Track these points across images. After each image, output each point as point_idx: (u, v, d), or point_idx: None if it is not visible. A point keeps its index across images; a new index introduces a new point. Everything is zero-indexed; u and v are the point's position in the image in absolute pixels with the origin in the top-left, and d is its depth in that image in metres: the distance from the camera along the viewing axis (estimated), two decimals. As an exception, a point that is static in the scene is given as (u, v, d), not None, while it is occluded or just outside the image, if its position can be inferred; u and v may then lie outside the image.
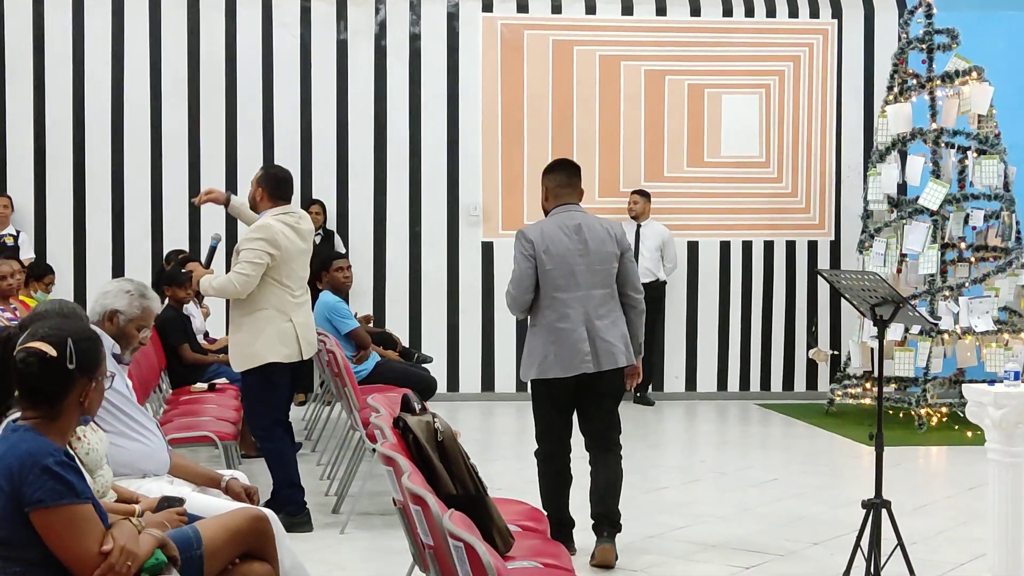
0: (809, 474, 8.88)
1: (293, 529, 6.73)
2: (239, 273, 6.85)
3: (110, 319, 5.22)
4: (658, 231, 12.12)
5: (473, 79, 12.34)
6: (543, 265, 6.27)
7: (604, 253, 6.34)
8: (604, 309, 6.32)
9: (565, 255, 6.29)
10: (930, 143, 11.13)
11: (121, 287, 5.31)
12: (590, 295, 6.30)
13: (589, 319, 6.28)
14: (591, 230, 6.36)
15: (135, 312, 5.26)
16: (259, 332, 6.91)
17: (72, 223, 12.04)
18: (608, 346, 6.27)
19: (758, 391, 12.63)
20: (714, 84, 12.54)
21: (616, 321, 6.35)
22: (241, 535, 3.95)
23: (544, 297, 6.30)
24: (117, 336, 5.23)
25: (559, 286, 6.28)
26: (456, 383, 12.26)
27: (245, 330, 6.95)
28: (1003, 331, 10.87)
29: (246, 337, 6.93)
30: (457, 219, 12.31)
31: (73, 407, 3.58)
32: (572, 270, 6.28)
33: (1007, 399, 5.15)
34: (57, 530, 3.33)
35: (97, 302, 5.30)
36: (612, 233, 6.39)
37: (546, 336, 6.29)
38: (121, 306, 5.24)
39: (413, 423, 4.73)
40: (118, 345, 5.23)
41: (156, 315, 5.47)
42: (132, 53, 12.05)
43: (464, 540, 3.10)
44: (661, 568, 6.32)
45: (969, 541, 6.75)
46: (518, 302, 6.35)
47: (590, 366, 6.25)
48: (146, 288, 5.37)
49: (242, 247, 6.90)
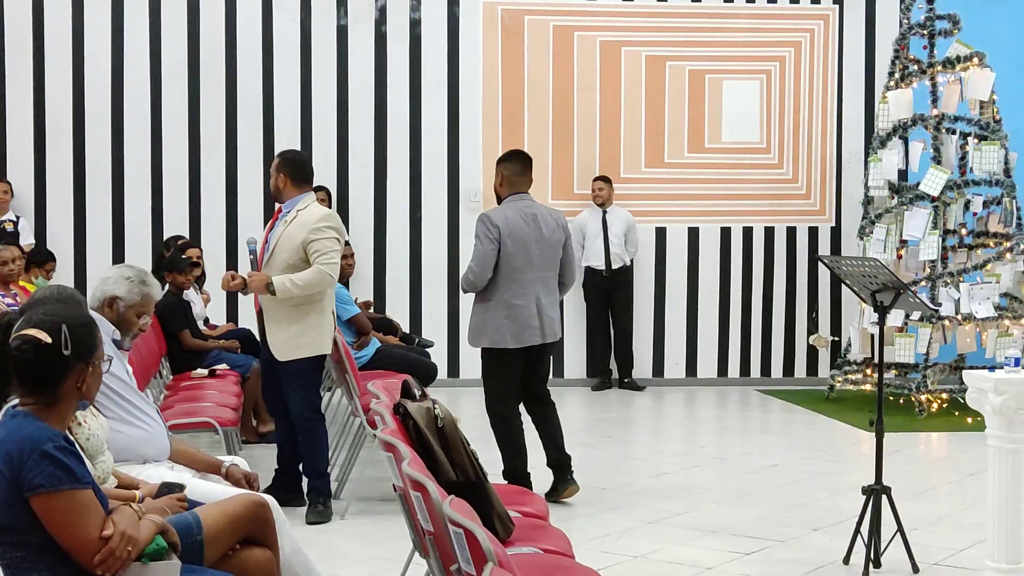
0: (809, 460, 8.89)
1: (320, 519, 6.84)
2: (330, 263, 6.75)
3: (110, 305, 5.22)
4: (623, 216, 12.15)
5: (473, 65, 12.32)
6: (506, 248, 7.08)
7: (554, 240, 7.24)
8: (549, 288, 7.27)
9: (524, 240, 7.12)
10: (931, 129, 11.11)
11: (121, 273, 5.30)
12: (542, 276, 7.20)
13: (539, 297, 7.18)
14: (544, 219, 7.23)
15: (135, 299, 5.25)
16: (319, 323, 6.88)
17: (72, 209, 12.04)
18: (551, 321, 7.24)
19: (758, 377, 12.63)
20: (715, 70, 12.52)
21: (555, 299, 7.34)
22: (241, 521, 3.95)
23: (502, 276, 7.11)
24: (117, 322, 5.23)
25: (517, 267, 7.11)
26: (456, 369, 12.26)
27: (309, 323, 6.84)
28: (1003, 317, 10.87)
29: (303, 328, 6.83)
30: (457, 205, 12.30)
31: (71, 392, 3.58)
32: (529, 254, 7.13)
33: (1007, 385, 5.15)
34: (57, 515, 3.34)
35: (97, 288, 5.29)
36: (560, 223, 7.31)
37: (502, 311, 7.12)
38: (121, 292, 5.23)
39: (413, 409, 4.73)
40: (118, 331, 5.24)
41: (156, 302, 5.47)
42: (132, 38, 12.03)
43: (464, 526, 3.10)
44: (661, 553, 6.33)
45: (969, 527, 6.75)
46: (479, 279, 7.12)
47: (537, 338, 7.18)
48: (147, 275, 5.36)
49: (314, 237, 6.75)
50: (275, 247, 6.85)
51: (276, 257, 6.82)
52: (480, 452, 5.00)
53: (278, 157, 7.11)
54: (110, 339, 5.15)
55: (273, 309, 6.88)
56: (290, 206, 6.92)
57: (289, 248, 6.80)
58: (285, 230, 6.85)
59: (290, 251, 6.79)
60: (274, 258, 6.83)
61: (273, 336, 6.92)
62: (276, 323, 6.90)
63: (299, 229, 6.81)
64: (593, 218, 12.05)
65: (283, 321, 6.87)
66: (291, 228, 6.84)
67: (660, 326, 12.55)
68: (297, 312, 6.82)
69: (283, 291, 6.71)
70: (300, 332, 6.83)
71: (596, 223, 12.01)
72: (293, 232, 6.82)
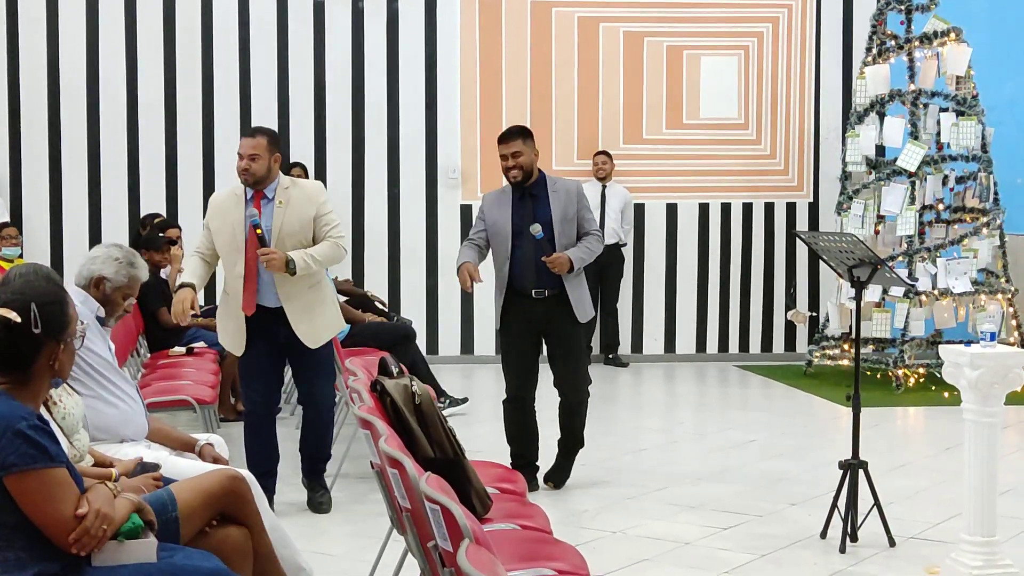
0: (787, 435, 8.92)
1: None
2: (341, 236, 6.51)
3: (96, 285, 5.19)
4: (621, 193, 12.14)
5: (451, 41, 12.27)
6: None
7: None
8: None
9: None
10: (908, 104, 11.13)
11: (110, 254, 5.25)
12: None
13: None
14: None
15: (122, 280, 5.23)
16: (333, 301, 6.74)
17: (48, 187, 11.96)
18: None
19: (737, 353, 12.67)
20: (693, 46, 12.50)
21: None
22: (216, 497, 3.94)
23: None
24: (102, 302, 5.21)
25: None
26: (435, 346, 12.26)
27: (328, 303, 6.64)
28: (980, 292, 10.92)
29: (323, 309, 6.57)
30: (435, 182, 12.27)
31: (44, 370, 3.56)
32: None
33: (983, 360, 5.17)
34: (31, 494, 3.32)
35: (84, 266, 5.25)
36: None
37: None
38: (108, 273, 5.20)
39: (391, 386, 4.73)
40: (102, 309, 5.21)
41: (142, 283, 5.42)
42: (107, 16, 11.94)
43: (440, 502, 3.10)
44: (639, 529, 6.35)
45: (945, 501, 6.79)
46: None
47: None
48: (135, 256, 5.31)
49: (324, 211, 6.46)
50: (280, 231, 6.38)
51: (285, 241, 6.37)
52: (459, 429, 5.00)
53: (264, 136, 6.49)
54: (94, 316, 5.13)
55: (296, 300, 6.45)
56: (271, 189, 6.46)
57: (299, 227, 6.40)
58: (285, 212, 6.41)
59: (301, 231, 6.41)
60: (283, 243, 6.37)
61: (299, 325, 6.46)
62: (303, 312, 6.48)
63: (304, 205, 6.43)
64: (592, 192, 11.95)
65: (310, 308, 6.49)
66: (292, 208, 6.43)
67: (639, 302, 12.56)
68: (314, 294, 6.51)
69: (304, 267, 6.31)
70: (321, 314, 6.57)
71: (595, 197, 11.87)
72: (298, 210, 6.42)
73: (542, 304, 6.96)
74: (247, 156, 6.41)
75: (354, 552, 5.92)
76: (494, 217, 7.05)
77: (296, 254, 6.30)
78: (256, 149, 6.41)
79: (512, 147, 7.00)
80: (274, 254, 6.25)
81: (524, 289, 6.98)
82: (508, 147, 7.02)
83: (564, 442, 7.19)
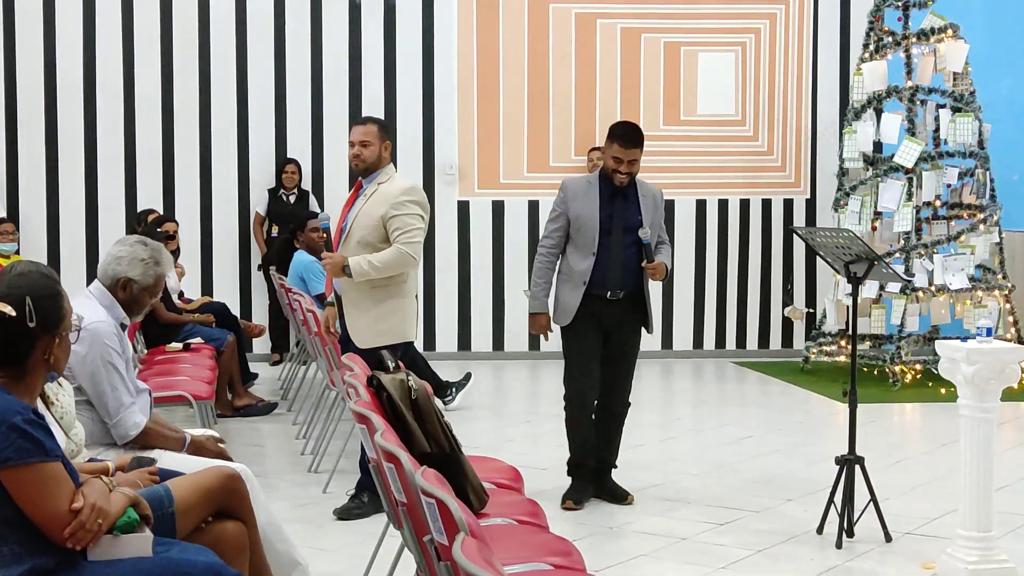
0: (784, 431, 8.92)
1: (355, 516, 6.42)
2: (412, 242, 6.20)
3: (123, 288, 5.02)
4: None
5: (448, 37, 12.27)
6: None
7: None
8: None
9: None
10: (905, 101, 11.13)
11: (136, 254, 5.04)
12: None
13: None
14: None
15: (149, 281, 5.05)
16: (401, 308, 6.38)
17: (45, 182, 11.95)
18: None
19: (734, 349, 12.67)
20: (690, 42, 12.49)
21: None
22: (213, 493, 3.93)
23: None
24: (128, 303, 5.04)
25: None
26: (433, 342, 12.25)
27: (389, 306, 6.32)
28: (977, 288, 10.92)
29: (383, 313, 6.31)
30: (433, 178, 12.26)
31: (39, 365, 3.55)
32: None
33: (979, 355, 5.17)
34: (27, 488, 3.31)
35: (109, 266, 5.04)
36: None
37: None
38: (136, 275, 5.02)
39: (387, 381, 4.72)
40: (127, 316, 5.07)
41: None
42: (104, 10, 11.93)
43: (436, 497, 3.10)
44: (636, 524, 6.35)
45: (941, 496, 6.79)
46: None
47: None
48: (160, 253, 5.11)
49: (396, 212, 6.20)
50: (352, 224, 6.30)
51: (352, 236, 6.27)
52: (456, 425, 4.99)
53: (374, 123, 6.42)
54: (118, 323, 4.99)
55: (352, 291, 6.32)
56: (371, 179, 6.35)
57: (367, 225, 6.24)
58: (364, 205, 6.28)
59: (368, 228, 6.24)
60: (350, 237, 6.28)
61: (353, 322, 6.35)
62: (355, 307, 6.34)
63: (380, 203, 6.25)
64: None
65: (362, 305, 6.31)
66: (371, 203, 6.28)
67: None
68: (377, 295, 6.28)
69: (360, 273, 6.15)
70: (380, 317, 6.31)
71: None
72: (373, 207, 6.26)
73: (617, 306, 6.65)
74: (358, 143, 6.35)
75: (350, 547, 5.92)
76: (580, 209, 6.64)
77: (354, 259, 6.17)
78: (367, 136, 6.35)
79: (632, 154, 6.63)
80: (329, 258, 6.23)
81: (602, 290, 6.61)
82: (629, 153, 6.64)
83: (605, 455, 6.85)
